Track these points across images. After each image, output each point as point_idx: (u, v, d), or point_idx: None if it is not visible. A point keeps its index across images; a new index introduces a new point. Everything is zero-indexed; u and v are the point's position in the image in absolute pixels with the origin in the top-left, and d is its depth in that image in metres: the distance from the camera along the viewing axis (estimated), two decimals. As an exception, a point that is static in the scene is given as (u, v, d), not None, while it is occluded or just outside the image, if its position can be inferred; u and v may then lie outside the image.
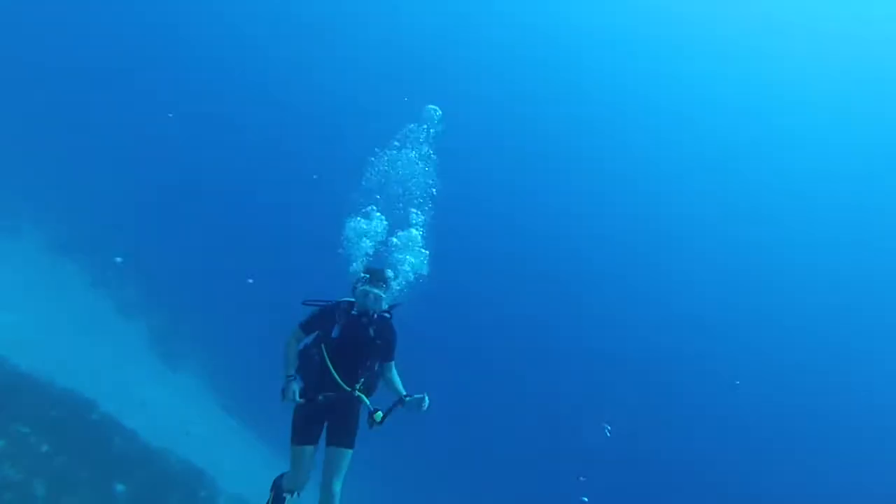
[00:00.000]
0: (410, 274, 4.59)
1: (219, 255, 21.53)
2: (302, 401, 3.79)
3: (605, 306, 24.59)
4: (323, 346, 3.88)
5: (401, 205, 4.86)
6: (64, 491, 5.88)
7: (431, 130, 5.33)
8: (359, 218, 4.71)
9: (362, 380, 3.89)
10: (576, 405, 19.97)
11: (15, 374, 7.62)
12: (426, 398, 3.71)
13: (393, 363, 4.10)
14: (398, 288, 4.41)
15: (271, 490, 4.28)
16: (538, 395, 21.23)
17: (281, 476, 4.23)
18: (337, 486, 3.92)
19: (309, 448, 3.90)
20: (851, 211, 28.06)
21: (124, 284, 16.23)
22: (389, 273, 4.19)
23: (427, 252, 4.72)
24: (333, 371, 3.79)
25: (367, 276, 3.98)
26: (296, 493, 4.09)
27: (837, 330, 25.21)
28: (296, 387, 3.78)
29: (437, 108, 5.72)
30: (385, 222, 4.81)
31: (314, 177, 23.40)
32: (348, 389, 3.80)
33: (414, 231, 4.82)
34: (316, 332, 4.02)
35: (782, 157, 29.40)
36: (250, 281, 17.29)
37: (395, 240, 4.73)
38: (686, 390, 22.56)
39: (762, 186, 29.07)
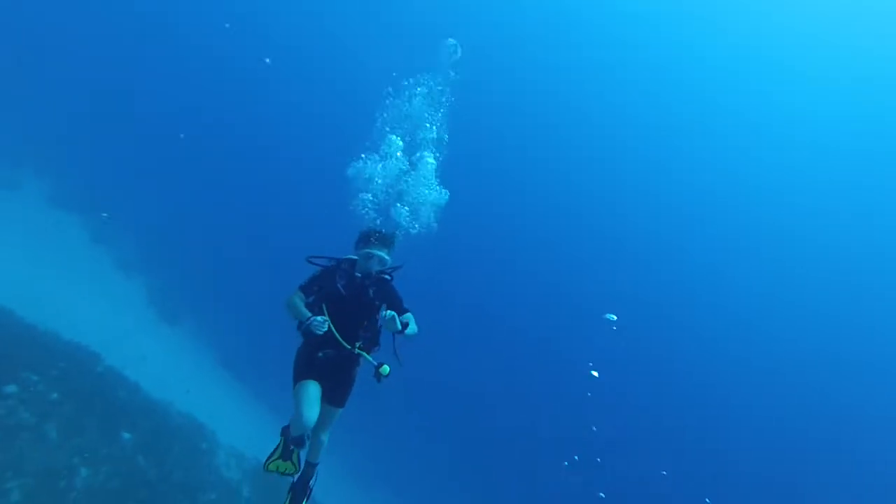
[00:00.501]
0: (430, 214, 4.62)
1: (217, 214, 21.70)
2: (325, 318, 3.78)
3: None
4: (324, 305, 3.97)
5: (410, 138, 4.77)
6: (74, 434, 6.22)
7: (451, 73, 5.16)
8: (370, 155, 4.64)
9: (362, 338, 4.00)
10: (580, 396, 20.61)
11: (22, 326, 7.89)
12: (396, 319, 3.68)
13: (410, 314, 4.08)
14: (415, 231, 4.48)
15: (281, 436, 4.44)
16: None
17: (287, 426, 4.37)
18: (325, 437, 4.24)
19: (312, 383, 3.95)
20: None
21: (123, 241, 16.39)
22: (395, 234, 4.20)
23: (447, 192, 4.71)
24: (334, 330, 3.87)
25: (372, 237, 4.01)
26: (305, 438, 4.23)
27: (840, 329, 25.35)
28: (321, 318, 3.77)
29: (455, 41, 5.52)
30: (400, 144, 4.72)
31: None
32: (348, 347, 3.91)
33: (429, 160, 4.79)
34: (316, 293, 4.06)
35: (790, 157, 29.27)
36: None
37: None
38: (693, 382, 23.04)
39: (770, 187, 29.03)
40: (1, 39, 19.67)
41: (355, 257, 4.06)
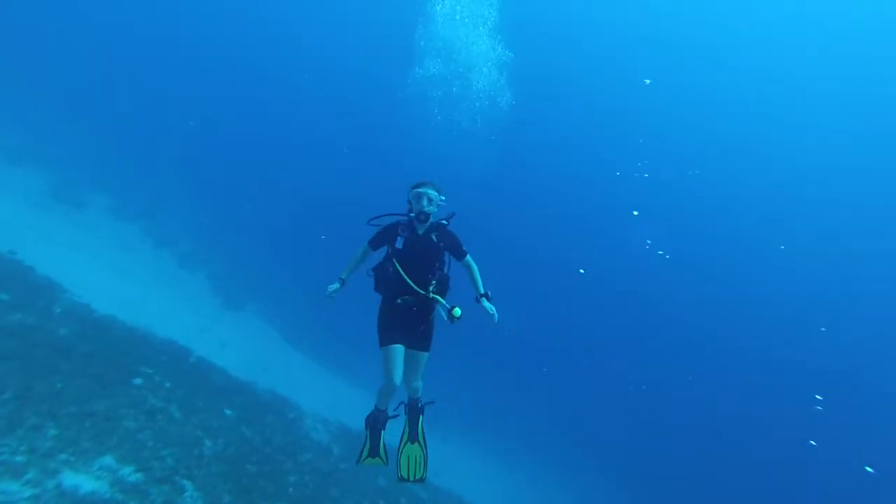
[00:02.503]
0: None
1: (262, 200, 22.93)
2: (337, 286, 4.38)
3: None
4: (393, 258, 4.41)
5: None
6: (191, 414, 7.38)
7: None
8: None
9: (434, 282, 4.38)
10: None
11: (126, 328, 9.09)
12: (495, 315, 4.22)
13: (469, 257, 4.51)
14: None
15: (366, 428, 5.01)
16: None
17: (369, 415, 4.97)
18: (417, 382, 4.64)
19: (396, 347, 4.41)
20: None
21: (182, 240, 17.72)
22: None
23: None
24: (406, 277, 4.31)
25: (419, 181, 4.46)
26: (390, 404, 4.82)
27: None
28: (333, 286, 4.40)
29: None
30: None
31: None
32: (422, 292, 4.32)
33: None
34: (384, 248, 4.54)
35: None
36: (322, 237, 18.62)
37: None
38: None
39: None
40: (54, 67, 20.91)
41: (410, 200, 4.45)
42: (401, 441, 4.93)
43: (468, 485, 14.12)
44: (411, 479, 4.86)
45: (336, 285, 4.44)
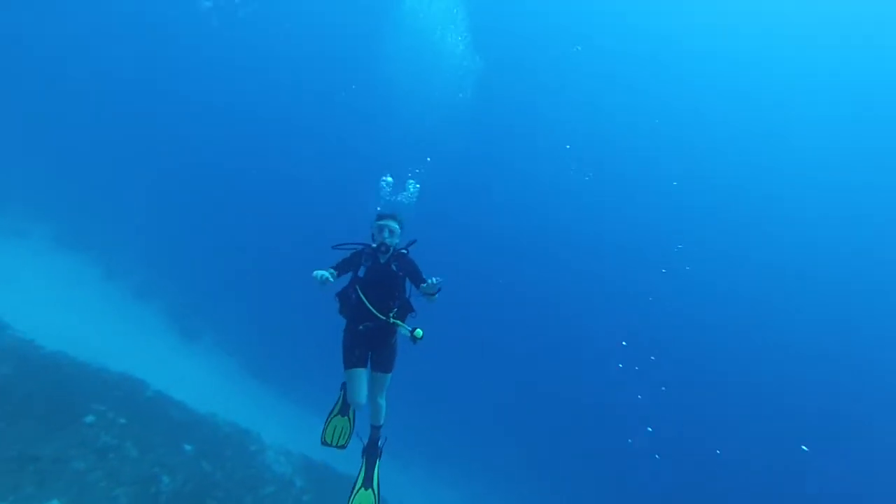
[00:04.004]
0: None
1: (216, 228, 22.37)
2: (328, 275, 4.17)
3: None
4: (357, 285, 4.60)
5: None
6: (149, 450, 7.07)
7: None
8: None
9: (395, 308, 4.55)
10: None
11: (76, 364, 8.66)
12: (435, 281, 4.17)
13: (424, 286, 4.48)
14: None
15: (340, 390, 5.15)
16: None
17: (344, 384, 5.03)
18: (381, 400, 4.81)
19: (359, 370, 4.59)
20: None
21: (134, 272, 17.05)
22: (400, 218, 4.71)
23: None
24: (368, 304, 4.48)
25: (381, 213, 4.69)
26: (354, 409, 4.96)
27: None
28: (321, 273, 4.17)
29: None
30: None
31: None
32: (383, 318, 4.48)
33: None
34: (349, 274, 4.65)
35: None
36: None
37: None
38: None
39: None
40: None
41: (373, 232, 4.63)
42: (354, 485, 4.90)
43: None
44: None
45: (327, 274, 4.28)
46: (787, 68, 28.86)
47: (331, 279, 4.33)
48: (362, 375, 4.62)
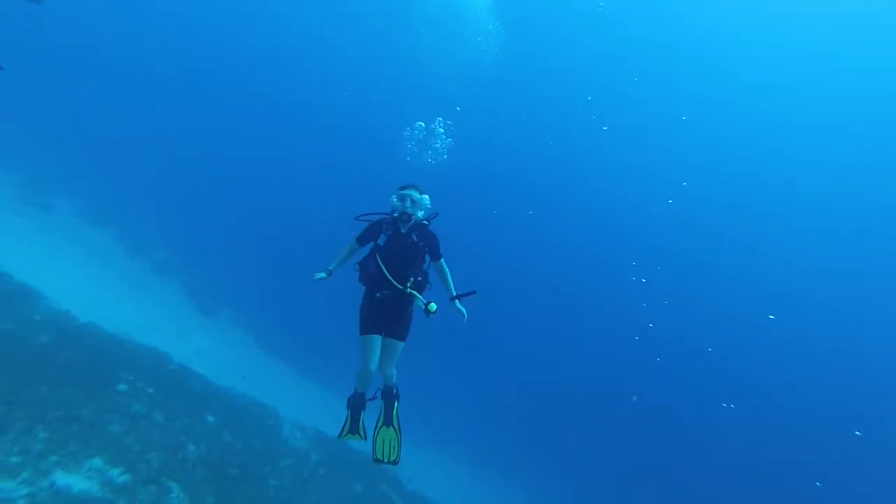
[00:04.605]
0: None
1: (233, 206, 22.81)
2: (324, 275, 4.62)
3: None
4: (377, 254, 4.74)
5: None
6: (175, 419, 7.52)
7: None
8: None
9: (412, 279, 4.66)
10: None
11: (106, 335, 9.13)
12: (465, 314, 4.59)
13: (442, 261, 4.82)
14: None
15: (347, 408, 5.34)
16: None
17: (352, 395, 5.30)
18: (391, 370, 4.87)
19: (374, 337, 4.74)
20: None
21: (155, 249, 17.57)
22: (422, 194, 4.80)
23: None
24: (387, 273, 4.61)
25: (403, 184, 4.79)
26: (366, 397, 5.17)
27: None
28: (320, 274, 4.65)
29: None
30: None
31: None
32: (401, 287, 4.61)
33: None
34: (370, 243, 4.85)
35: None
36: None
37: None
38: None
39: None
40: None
41: (394, 202, 4.75)
42: (376, 425, 5.17)
43: (441, 490, 14.43)
44: (386, 460, 5.12)
45: (323, 274, 4.69)
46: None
47: (325, 277, 4.70)
48: (376, 342, 4.76)
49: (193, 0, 27.60)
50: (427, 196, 4.88)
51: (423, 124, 5.65)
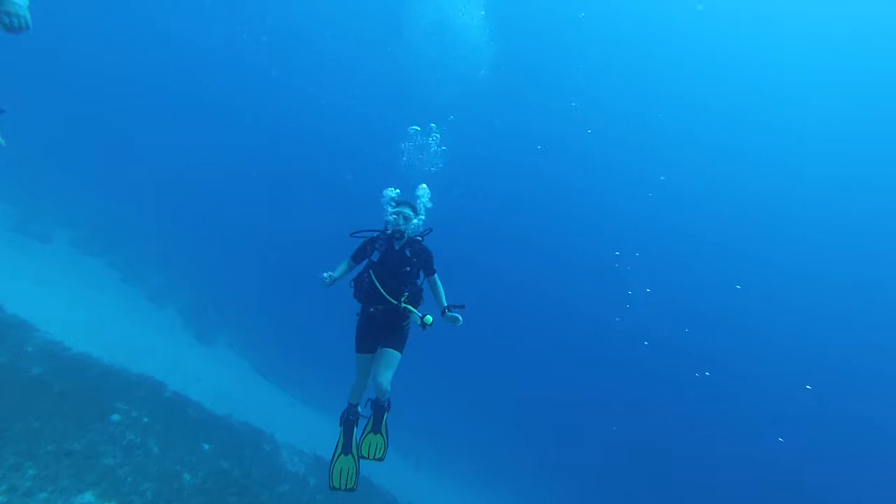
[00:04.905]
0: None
1: (233, 234, 22.83)
2: (326, 277, 4.62)
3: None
4: (370, 270, 4.80)
5: None
6: (170, 448, 7.41)
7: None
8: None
9: (406, 293, 4.71)
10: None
11: (100, 365, 9.04)
12: (460, 318, 4.54)
13: (436, 276, 4.87)
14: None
15: (340, 425, 5.23)
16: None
17: (346, 409, 5.21)
18: (385, 382, 4.69)
19: (367, 356, 4.85)
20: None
21: (150, 276, 17.50)
22: (420, 196, 4.97)
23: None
24: (381, 288, 4.66)
25: (396, 199, 4.85)
26: (360, 412, 5.11)
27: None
28: (326, 275, 4.66)
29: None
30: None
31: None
32: (395, 302, 4.66)
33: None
34: (364, 260, 4.90)
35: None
36: None
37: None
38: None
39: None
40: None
41: (387, 220, 4.81)
42: (364, 430, 5.15)
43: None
44: (371, 458, 5.13)
45: (328, 274, 4.70)
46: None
47: (334, 275, 4.72)
48: (370, 361, 4.88)
49: (182, 16, 27.91)
50: (422, 217, 4.96)
51: (417, 128, 5.71)
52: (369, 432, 5.13)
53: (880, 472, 19.88)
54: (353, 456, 5.13)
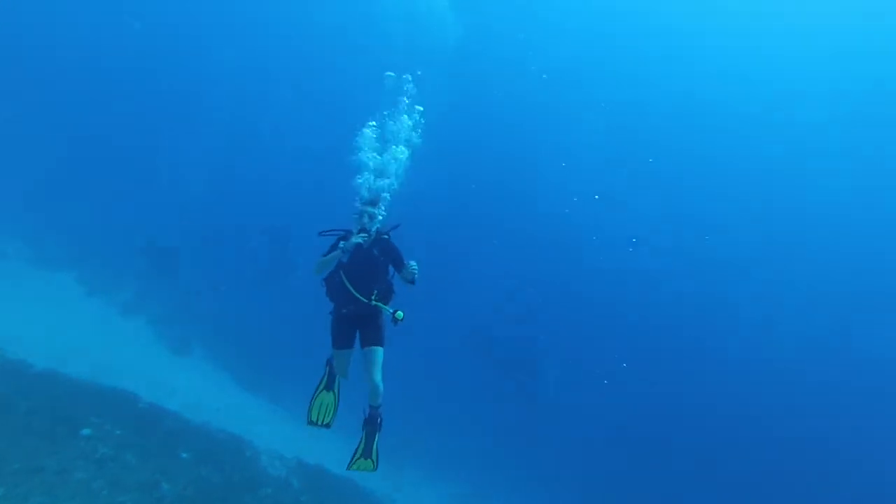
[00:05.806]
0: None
1: (205, 241, 22.29)
2: (361, 239, 4.60)
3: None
4: (340, 271, 4.83)
5: None
6: (148, 458, 7.29)
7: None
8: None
9: (376, 291, 4.78)
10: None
11: (69, 380, 8.81)
12: (415, 265, 4.60)
13: (407, 265, 4.77)
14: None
15: (326, 366, 5.32)
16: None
17: (331, 357, 5.24)
18: (377, 378, 4.78)
19: (345, 351, 4.93)
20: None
21: (118, 288, 17.03)
22: (384, 194, 4.90)
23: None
24: (351, 288, 4.73)
25: (360, 200, 4.85)
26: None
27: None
28: (343, 243, 4.66)
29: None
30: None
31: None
32: (365, 301, 4.72)
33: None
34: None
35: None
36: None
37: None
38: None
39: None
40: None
41: (354, 219, 4.81)
42: (353, 454, 5.09)
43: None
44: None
45: (342, 244, 4.69)
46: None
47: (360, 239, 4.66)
48: (349, 355, 4.96)
49: (163, 25, 27.16)
50: (383, 212, 4.97)
51: (392, 74, 5.56)
52: (360, 457, 5.06)
53: (881, 471, 20.32)
54: (334, 393, 5.23)
